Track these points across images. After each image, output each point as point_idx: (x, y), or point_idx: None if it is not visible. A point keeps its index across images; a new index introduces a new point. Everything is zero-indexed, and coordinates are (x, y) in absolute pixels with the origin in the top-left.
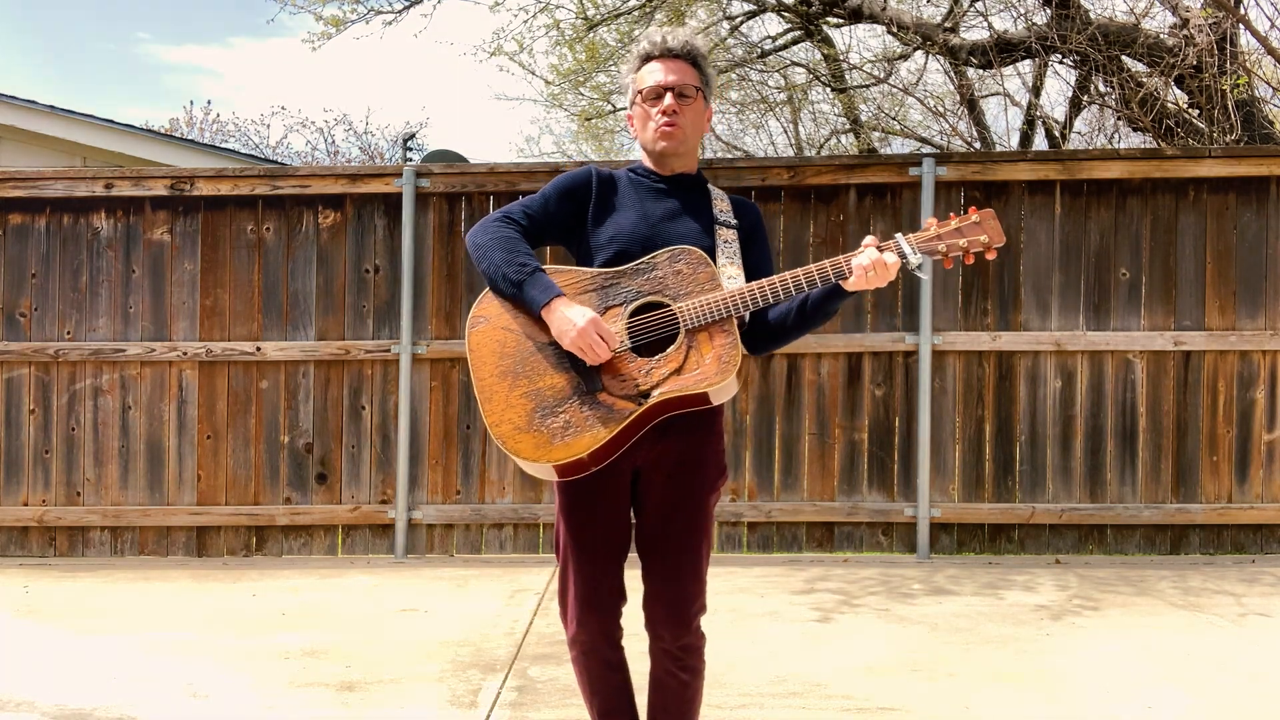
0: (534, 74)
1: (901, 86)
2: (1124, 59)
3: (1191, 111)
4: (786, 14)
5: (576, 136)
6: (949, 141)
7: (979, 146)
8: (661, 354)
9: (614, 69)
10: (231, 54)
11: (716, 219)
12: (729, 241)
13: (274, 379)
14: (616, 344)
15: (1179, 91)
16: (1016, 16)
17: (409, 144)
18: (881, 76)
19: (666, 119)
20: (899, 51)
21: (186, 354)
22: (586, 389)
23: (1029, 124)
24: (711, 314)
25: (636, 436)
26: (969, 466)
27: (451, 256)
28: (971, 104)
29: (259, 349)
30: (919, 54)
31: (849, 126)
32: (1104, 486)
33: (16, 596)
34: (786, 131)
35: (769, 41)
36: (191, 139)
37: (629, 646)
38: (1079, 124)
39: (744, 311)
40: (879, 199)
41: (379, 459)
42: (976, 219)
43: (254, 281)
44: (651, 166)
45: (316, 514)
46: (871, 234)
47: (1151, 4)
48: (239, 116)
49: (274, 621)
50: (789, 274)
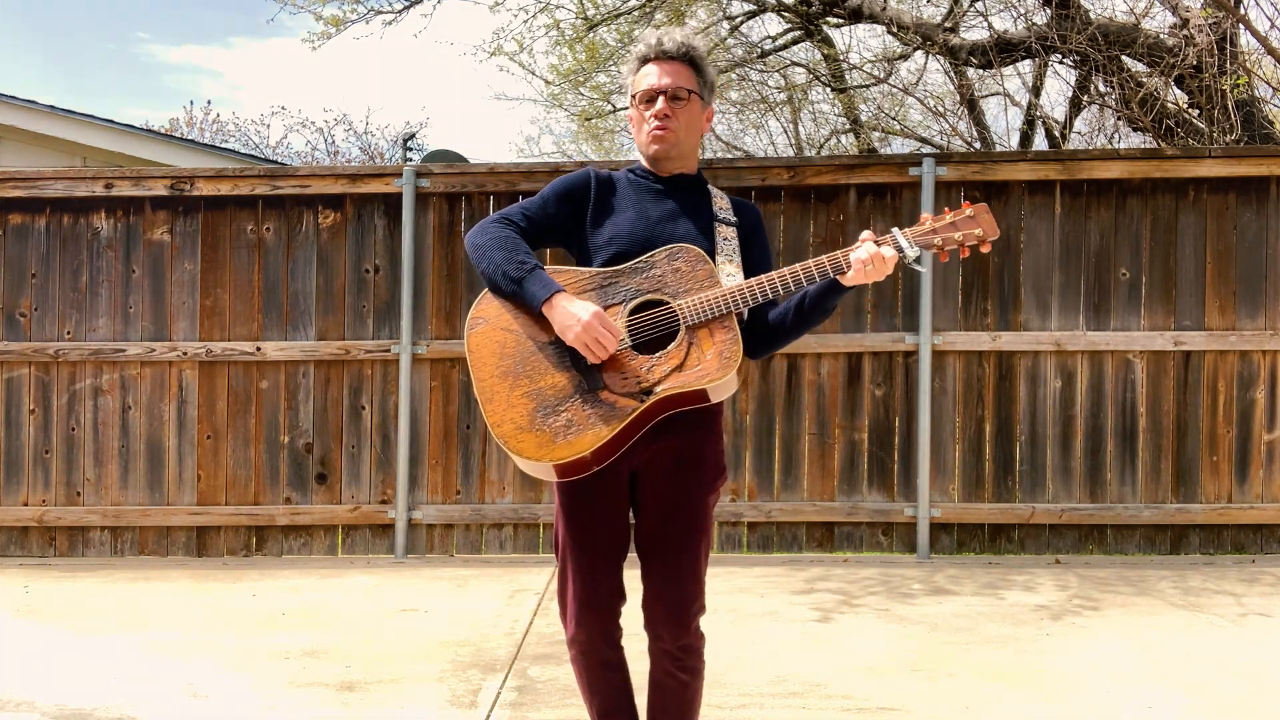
0: (534, 74)
1: (901, 86)
2: (1124, 59)
3: (1191, 111)
4: (786, 14)
5: (576, 136)
6: (949, 141)
7: (979, 146)
8: (662, 351)
9: (614, 69)
10: (231, 54)
11: (716, 216)
12: (728, 239)
13: (274, 379)
14: (618, 336)
15: (1179, 91)
16: (1016, 16)
17: (409, 144)
18: (882, 76)
19: (658, 123)
20: (899, 51)
21: (186, 354)
22: (588, 387)
23: (1029, 124)
24: (711, 310)
25: (639, 434)
26: (969, 466)
27: (451, 256)
28: (971, 104)
29: (259, 349)
30: (919, 54)
31: (849, 126)
32: (1104, 486)
33: (16, 596)
34: (786, 131)
35: (769, 41)
36: (191, 139)
37: (629, 646)
38: (1079, 124)
39: (743, 307)
40: (879, 199)
41: (379, 459)
42: (970, 213)
43: (254, 281)
44: (649, 168)
45: (316, 514)
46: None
47: (1151, 4)
48: (239, 116)
49: (274, 621)
50: (787, 270)
